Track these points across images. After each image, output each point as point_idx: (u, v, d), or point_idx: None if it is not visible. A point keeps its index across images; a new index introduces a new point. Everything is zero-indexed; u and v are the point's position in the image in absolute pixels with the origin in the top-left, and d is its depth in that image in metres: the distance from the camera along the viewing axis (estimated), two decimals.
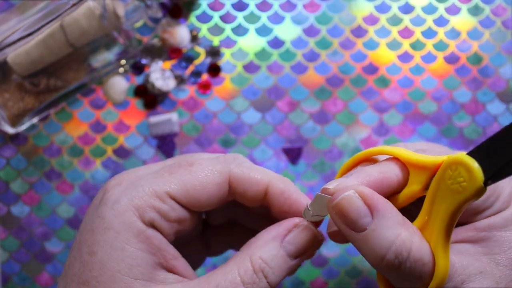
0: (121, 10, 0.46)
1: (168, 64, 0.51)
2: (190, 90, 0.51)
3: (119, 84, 0.50)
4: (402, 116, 0.51)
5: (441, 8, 0.51)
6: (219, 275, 0.28)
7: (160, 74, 0.50)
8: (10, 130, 0.48)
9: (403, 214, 0.30)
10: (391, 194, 0.30)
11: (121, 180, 0.30)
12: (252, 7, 0.51)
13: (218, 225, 0.37)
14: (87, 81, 0.49)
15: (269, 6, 0.51)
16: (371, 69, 0.51)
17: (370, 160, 0.33)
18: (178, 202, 0.29)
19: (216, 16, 0.51)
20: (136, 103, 0.50)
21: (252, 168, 0.31)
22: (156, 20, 0.51)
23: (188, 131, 0.50)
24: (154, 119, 0.50)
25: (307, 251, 0.30)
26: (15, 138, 0.50)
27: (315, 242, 0.31)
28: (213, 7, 0.51)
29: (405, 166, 0.30)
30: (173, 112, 0.50)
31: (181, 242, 0.35)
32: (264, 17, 0.51)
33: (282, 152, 0.50)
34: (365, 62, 0.51)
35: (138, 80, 0.51)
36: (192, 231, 0.32)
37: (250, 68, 0.51)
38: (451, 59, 0.51)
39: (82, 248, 0.28)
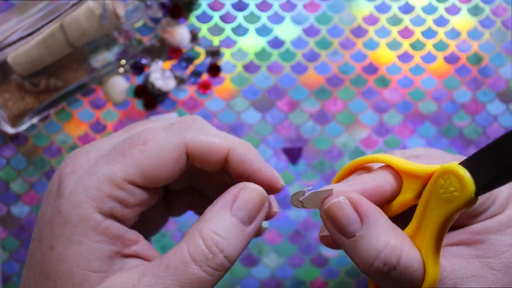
0: (121, 10, 0.46)
1: (168, 64, 0.51)
2: (190, 90, 0.51)
3: (119, 84, 0.50)
4: (402, 116, 0.51)
5: (441, 8, 0.51)
6: (170, 254, 0.27)
7: (160, 74, 0.50)
8: (10, 130, 0.48)
9: (400, 219, 0.30)
10: (385, 202, 0.31)
11: (74, 167, 0.28)
12: (252, 7, 0.51)
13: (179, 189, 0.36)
14: (87, 81, 0.49)
15: (269, 6, 0.51)
16: (371, 69, 0.51)
17: (364, 168, 0.33)
18: (136, 185, 0.28)
19: (216, 16, 0.51)
20: (136, 103, 0.50)
21: (211, 134, 0.29)
22: (156, 20, 0.51)
23: None
24: (154, 119, 0.50)
25: (259, 213, 0.29)
26: (15, 138, 0.50)
27: (265, 202, 0.29)
28: (213, 7, 0.51)
29: (399, 174, 0.31)
30: (173, 112, 0.50)
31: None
32: (264, 17, 0.51)
33: (282, 152, 0.50)
34: (365, 62, 0.51)
35: (138, 80, 0.51)
36: (154, 203, 0.31)
37: (250, 68, 0.51)
38: (451, 59, 0.51)
39: (42, 241, 0.28)
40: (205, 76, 0.51)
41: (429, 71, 0.51)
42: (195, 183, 0.35)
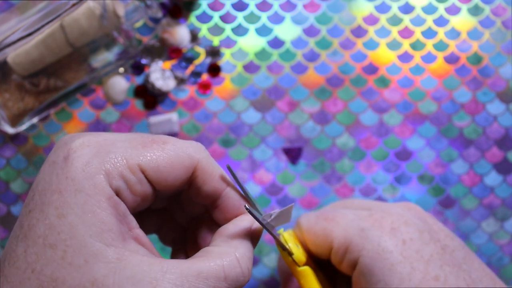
0: (121, 10, 0.46)
1: (168, 64, 0.51)
2: (190, 90, 0.51)
3: (119, 84, 0.50)
4: (402, 116, 0.51)
5: (441, 8, 0.51)
6: (203, 262, 0.28)
7: (160, 74, 0.50)
8: (10, 130, 0.48)
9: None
10: None
11: (89, 141, 0.29)
12: (252, 7, 0.51)
13: (154, 209, 0.37)
14: (87, 81, 0.49)
15: (269, 6, 0.51)
16: (371, 69, 0.51)
17: None
18: (147, 177, 0.29)
19: (216, 16, 0.51)
20: (136, 103, 0.50)
21: (218, 166, 0.31)
22: (156, 20, 0.51)
23: (188, 131, 0.50)
24: (154, 119, 0.50)
25: None
26: (15, 138, 0.50)
27: None
28: (213, 7, 0.51)
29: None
30: (173, 112, 0.50)
31: None
32: (264, 17, 0.51)
33: (282, 152, 0.50)
34: (365, 62, 0.51)
35: (138, 80, 0.51)
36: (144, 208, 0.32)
37: (250, 68, 0.51)
38: (451, 59, 0.51)
39: (47, 210, 0.27)
40: (205, 76, 0.51)
41: (429, 71, 0.51)
42: (171, 206, 0.35)
